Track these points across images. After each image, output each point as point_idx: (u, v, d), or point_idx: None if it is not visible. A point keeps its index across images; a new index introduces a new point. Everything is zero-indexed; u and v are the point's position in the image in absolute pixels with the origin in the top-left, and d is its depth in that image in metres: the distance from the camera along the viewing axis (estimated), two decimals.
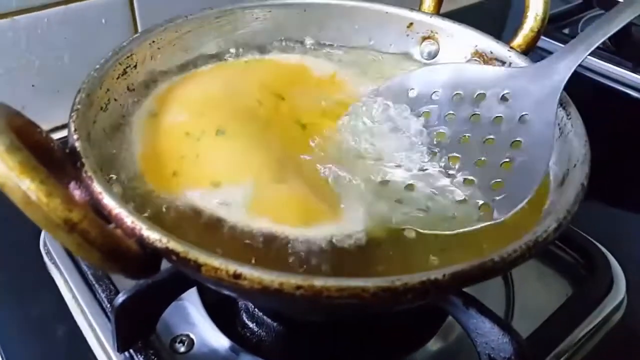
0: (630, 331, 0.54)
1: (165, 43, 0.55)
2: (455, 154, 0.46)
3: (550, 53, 0.88)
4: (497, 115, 0.47)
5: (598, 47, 0.91)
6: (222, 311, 0.52)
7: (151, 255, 0.34)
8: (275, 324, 0.51)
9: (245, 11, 0.60)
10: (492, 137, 0.46)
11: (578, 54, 0.46)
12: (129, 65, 0.51)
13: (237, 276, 0.32)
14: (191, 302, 0.52)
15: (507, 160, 0.44)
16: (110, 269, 0.32)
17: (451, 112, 0.49)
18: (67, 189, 0.34)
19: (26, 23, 0.70)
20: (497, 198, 0.43)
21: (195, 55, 0.58)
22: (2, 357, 0.49)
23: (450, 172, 0.46)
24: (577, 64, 0.46)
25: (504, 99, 0.48)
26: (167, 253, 0.33)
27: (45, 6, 0.70)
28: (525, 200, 0.41)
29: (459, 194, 0.44)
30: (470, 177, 0.45)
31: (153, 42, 0.54)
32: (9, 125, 0.31)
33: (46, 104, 0.75)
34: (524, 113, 0.46)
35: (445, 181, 0.45)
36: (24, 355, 0.50)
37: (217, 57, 0.59)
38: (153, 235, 0.33)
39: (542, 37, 0.89)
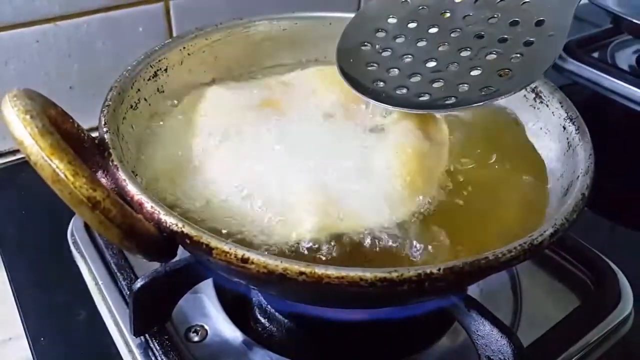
0: (637, 346, 0.55)
1: (195, 49, 0.58)
2: (468, 49, 0.48)
3: (580, 77, 0.91)
4: (514, 19, 0.48)
5: (624, 71, 0.93)
6: (236, 306, 0.54)
7: (168, 238, 0.37)
8: (286, 320, 0.53)
9: (273, 22, 0.63)
10: (506, 36, 0.48)
11: None
12: (160, 69, 0.55)
13: (244, 260, 0.34)
14: (207, 295, 0.54)
15: (518, 55, 0.46)
16: (129, 247, 0.35)
17: (471, 13, 0.50)
18: (93, 172, 0.37)
19: (67, 28, 0.74)
20: (501, 82, 0.45)
21: (224, 66, 0.61)
22: (27, 338, 0.52)
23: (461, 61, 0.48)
24: None
25: (523, 4, 0.49)
26: (182, 237, 0.36)
27: (85, 13, 0.75)
28: (528, 84, 0.47)
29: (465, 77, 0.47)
30: (479, 67, 0.47)
31: (184, 47, 0.57)
32: (43, 111, 0.35)
33: (83, 105, 0.78)
34: (540, 18, 0.47)
35: (453, 68, 0.48)
36: (46, 336, 0.52)
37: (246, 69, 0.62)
38: (170, 220, 0.36)
39: (572, 60, 0.92)
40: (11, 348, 0.54)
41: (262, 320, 0.53)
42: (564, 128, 0.50)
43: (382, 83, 0.48)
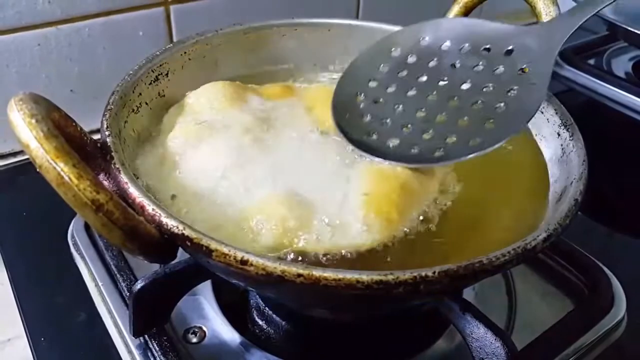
0: (629, 350, 0.55)
1: (196, 55, 0.59)
2: (455, 98, 0.49)
3: (576, 84, 0.92)
4: (498, 66, 0.49)
5: (619, 78, 0.93)
6: (234, 308, 0.55)
7: (168, 240, 0.37)
8: (283, 322, 0.54)
9: (273, 28, 0.63)
10: (490, 85, 0.48)
11: (579, 17, 0.50)
12: (161, 73, 0.55)
13: (244, 262, 0.35)
14: (206, 297, 0.55)
15: (501, 104, 0.47)
16: (130, 249, 0.36)
17: (457, 61, 0.51)
18: (95, 174, 0.37)
19: (69, 32, 0.75)
20: (486, 133, 0.46)
21: (224, 71, 0.61)
22: (27, 338, 0.53)
23: (448, 110, 0.49)
24: (577, 26, 0.49)
25: (507, 53, 0.50)
26: (183, 239, 0.36)
27: (86, 17, 0.75)
28: (512, 135, 0.45)
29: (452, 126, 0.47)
30: (466, 116, 0.48)
31: (185, 52, 0.58)
32: (48, 115, 0.35)
33: (83, 108, 0.79)
34: (523, 66, 0.48)
35: (441, 118, 0.48)
36: (46, 337, 0.53)
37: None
38: (171, 223, 0.37)
39: (568, 67, 0.93)
40: (11, 349, 0.55)
41: (260, 322, 0.54)
42: (558, 134, 0.51)
43: (375, 135, 0.49)
